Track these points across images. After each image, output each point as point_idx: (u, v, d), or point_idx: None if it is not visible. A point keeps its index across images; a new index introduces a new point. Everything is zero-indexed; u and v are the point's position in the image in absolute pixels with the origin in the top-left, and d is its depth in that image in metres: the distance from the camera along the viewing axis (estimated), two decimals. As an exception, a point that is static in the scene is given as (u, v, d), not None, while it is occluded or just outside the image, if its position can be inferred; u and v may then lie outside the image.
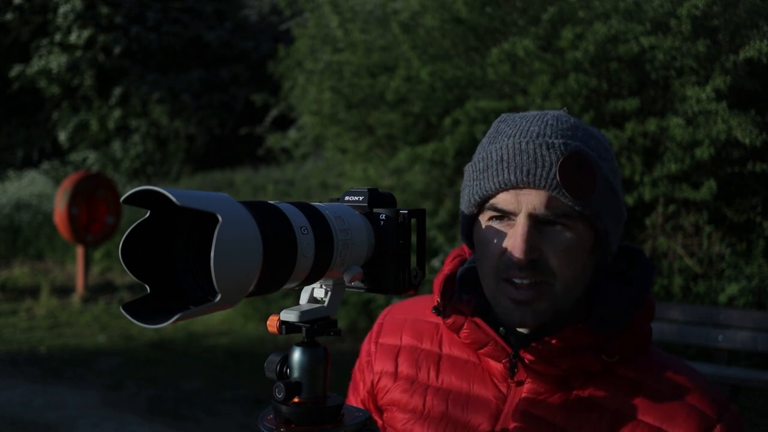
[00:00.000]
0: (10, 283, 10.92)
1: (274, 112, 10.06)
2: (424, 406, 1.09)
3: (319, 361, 0.88)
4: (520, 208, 0.98)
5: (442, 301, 1.08)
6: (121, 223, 10.34)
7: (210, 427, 5.04)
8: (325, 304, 0.91)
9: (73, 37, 16.25)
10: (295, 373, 0.87)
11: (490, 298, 1.04)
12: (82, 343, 7.42)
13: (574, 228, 0.98)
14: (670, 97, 5.31)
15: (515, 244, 0.97)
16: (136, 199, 0.71)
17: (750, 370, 4.72)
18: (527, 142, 0.98)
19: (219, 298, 0.69)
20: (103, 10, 16.13)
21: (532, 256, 0.97)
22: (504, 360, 1.04)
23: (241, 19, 17.23)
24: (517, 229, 0.97)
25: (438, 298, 1.09)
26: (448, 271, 1.12)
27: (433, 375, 1.12)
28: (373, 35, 6.87)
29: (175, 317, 0.70)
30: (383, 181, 6.56)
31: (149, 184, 0.71)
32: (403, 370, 1.15)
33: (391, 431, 1.13)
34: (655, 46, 4.99)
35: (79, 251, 10.00)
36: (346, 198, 0.97)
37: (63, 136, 16.96)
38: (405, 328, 1.19)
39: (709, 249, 5.56)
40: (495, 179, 0.99)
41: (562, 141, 0.97)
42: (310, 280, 0.85)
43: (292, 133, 9.43)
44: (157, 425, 5.06)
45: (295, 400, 0.87)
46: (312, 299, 0.93)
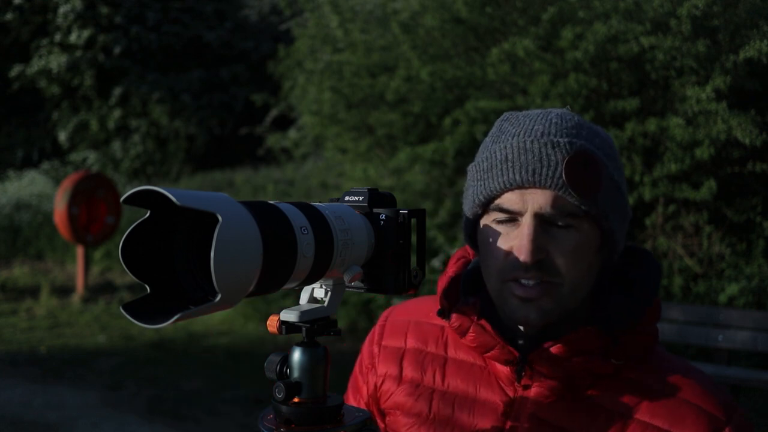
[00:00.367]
0: (10, 283, 10.91)
1: (274, 112, 10.06)
2: (430, 410, 1.08)
3: (319, 361, 0.88)
4: (525, 207, 0.97)
5: (447, 304, 1.07)
6: (121, 223, 10.34)
7: (210, 427, 5.04)
8: (325, 304, 0.91)
9: (73, 37, 16.25)
10: (295, 373, 0.87)
11: (495, 298, 1.03)
12: (82, 343, 7.41)
13: (581, 227, 0.97)
14: (670, 97, 5.31)
15: (521, 245, 0.96)
16: (136, 199, 0.71)
17: (750, 370, 4.72)
18: (532, 141, 0.97)
19: (219, 298, 0.69)
20: (103, 10, 16.13)
21: (539, 257, 0.96)
22: (511, 363, 1.02)
23: (241, 19, 17.23)
24: (523, 230, 0.96)
25: (443, 301, 1.07)
26: (452, 273, 1.11)
27: (438, 378, 1.10)
28: (373, 35, 6.87)
29: (175, 317, 0.70)
30: (383, 181, 6.56)
31: (149, 184, 0.71)
32: (407, 373, 1.13)
33: None
34: (655, 46, 4.99)
35: (79, 251, 10.00)
36: (346, 198, 0.97)
37: (63, 136, 16.97)
38: (409, 331, 1.17)
39: (709, 249, 5.56)
40: (500, 179, 0.98)
41: (567, 140, 0.96)
42: (310, 280, 0.85)
43: (292, 133, 9.43)
44: (157, 425, 5.05)
45: (295, 400, 0.87)
46: (312, 299, 0.93)
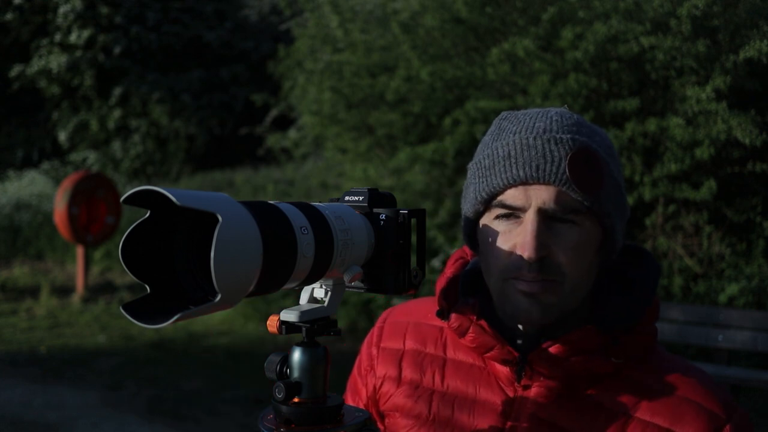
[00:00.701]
0: (10, 283, 10.91)
1: (274, 112, 10.06)
2: (429, 411, 1.07)
3: (319, 361, 0.88)
4: (529, 203, 0.96)
5: (446, 305, 1.07)
6: (121, 223, 10.34)
7: (210, 427, 5.04)
8: (325, 304, 0.91)
9: (73, 37, 16.25)
10: (295, 373, 0.87)
11: (496, 297, 1.02)
12: (82, 343, 7.41)
13: (583, 224, 0.97)
14: (670, 97, 5.31)
15: (525, 242, 0.95)
16: (136, 199, 0.71)
17: (750, 370, 4.72)
18: (534, 138, 0.97)
19: (219, 298, 0.69)
20: (103, 10, 16.13)
21: (542, 254, 0.95)
22: (510, 363, 1.02)
23: (241, 19, 17.23)
24: (527, 226, 0.96)
25: (441, 302, 1.07)
26: (450, 273, 1.10)
27: (438, 379, 1.10)
28: (373, 35, 6.87)
29: (175, 317, 0.70)
30: (383, 181, 6.56)
31: (149, 184, 0.71)
32: (407, 374, 1.12)
33: None
34: (655, 46, 4.99)
35: (79, 251, 10.00)
36: (346, 198, 0.97)
37: (63, 136, 16.97)
38: (408, 332, 1.17)
39: (709, 249, 5.56)
40: (503, 175, 0.97)
41: (569, 136, 0.96)
42: (310, 280, 0.85)
43: (292, 133, 9.43)
44: (157, 425, 5.05)
45: (295, 400, 0.87)
46: (312, 299, 0.93)
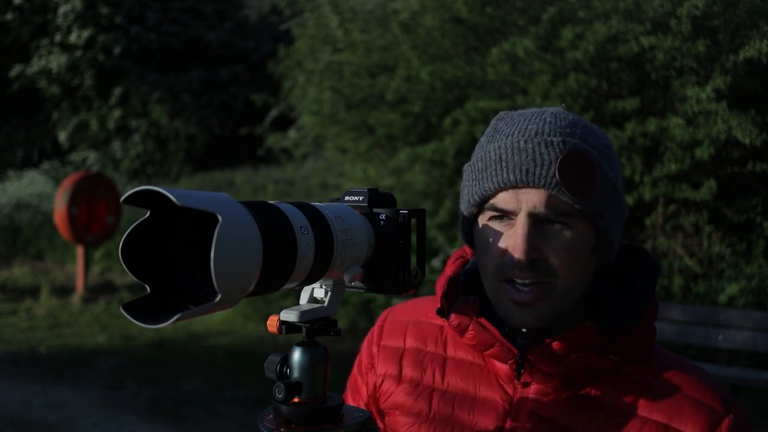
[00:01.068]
0: (10, 283, 10.91)
1: (274, 112, 10.06)
2: (430, 409, 1.08)
3: (319, 361, 0.88)
4: (519, 207, 0.97)
5: (446, 303, 1.07)
6: (121, 223, 10.34)
7: (210, 427, 5.04)
8: (325, 304, 0.91)
9: (73, 37, 16.25)
10: (295, 373, 0.87)
11: (492, 298, 1.03)
12: (82, 343, 7.41)
13: (575, 226, 0.97)
14: (670, 97, 5.31)
15: (516, 244, 0.96)
16: (136, 199, 0.71)
17: (750, 370, 4.72)
18: (526, 141, 0.97)
19: (219, 298, 0.69)
20: (103, 10, 16.13)
21: (533, 256, 0.96)
22: (510, 361, 1.03)
23: (241, 19, 17.23)
24: (518, 229, 0.97)
25: (442, 300, 1.08)
26: (450, 272, 1.11)
27: (438, 378, 1.11)
28: (373, 35, 6.87)
29: (175, 317, 0.70)
30: (383, 181, 6.56)
31: (149, 184, 0.71)
32: (407, 373, 1.13)
33: None
34: (655, 46, 4.99)
35: (79, 251, 10.00)
36: (346, 198, 0.97)
37: (63, 136, 16.96)
38: (408, 331, 1.18)
39: (709, 249, 5.56)
40: (494, 179, 0.98)
41: (560, 139, 0.96)
42: (310, 280, 0.85)
43: (292, 133, 9.43)
44: (157, 425, 5.05)
45: (295, 400, 0.87)
46: (312, 299, 0.93)
